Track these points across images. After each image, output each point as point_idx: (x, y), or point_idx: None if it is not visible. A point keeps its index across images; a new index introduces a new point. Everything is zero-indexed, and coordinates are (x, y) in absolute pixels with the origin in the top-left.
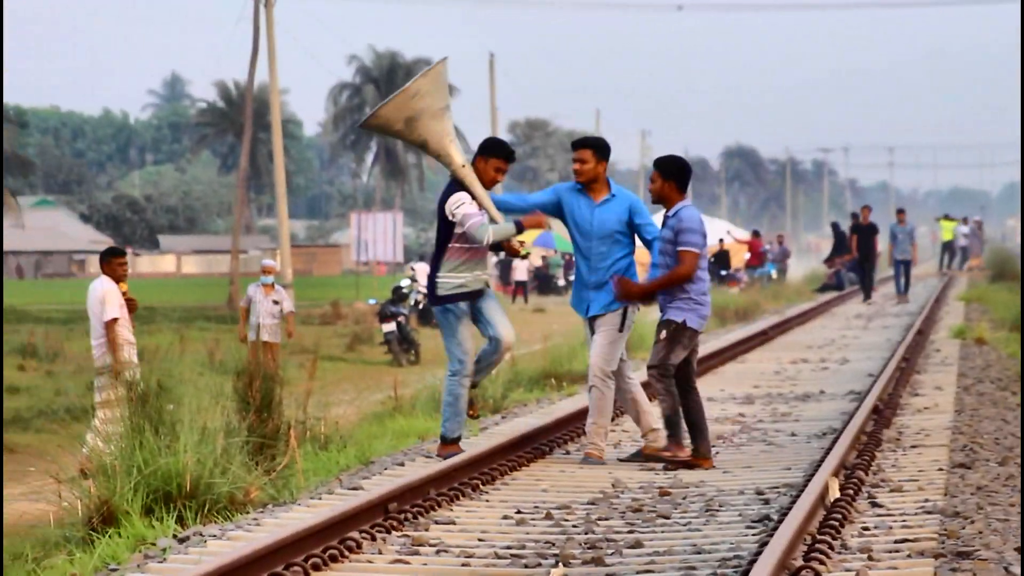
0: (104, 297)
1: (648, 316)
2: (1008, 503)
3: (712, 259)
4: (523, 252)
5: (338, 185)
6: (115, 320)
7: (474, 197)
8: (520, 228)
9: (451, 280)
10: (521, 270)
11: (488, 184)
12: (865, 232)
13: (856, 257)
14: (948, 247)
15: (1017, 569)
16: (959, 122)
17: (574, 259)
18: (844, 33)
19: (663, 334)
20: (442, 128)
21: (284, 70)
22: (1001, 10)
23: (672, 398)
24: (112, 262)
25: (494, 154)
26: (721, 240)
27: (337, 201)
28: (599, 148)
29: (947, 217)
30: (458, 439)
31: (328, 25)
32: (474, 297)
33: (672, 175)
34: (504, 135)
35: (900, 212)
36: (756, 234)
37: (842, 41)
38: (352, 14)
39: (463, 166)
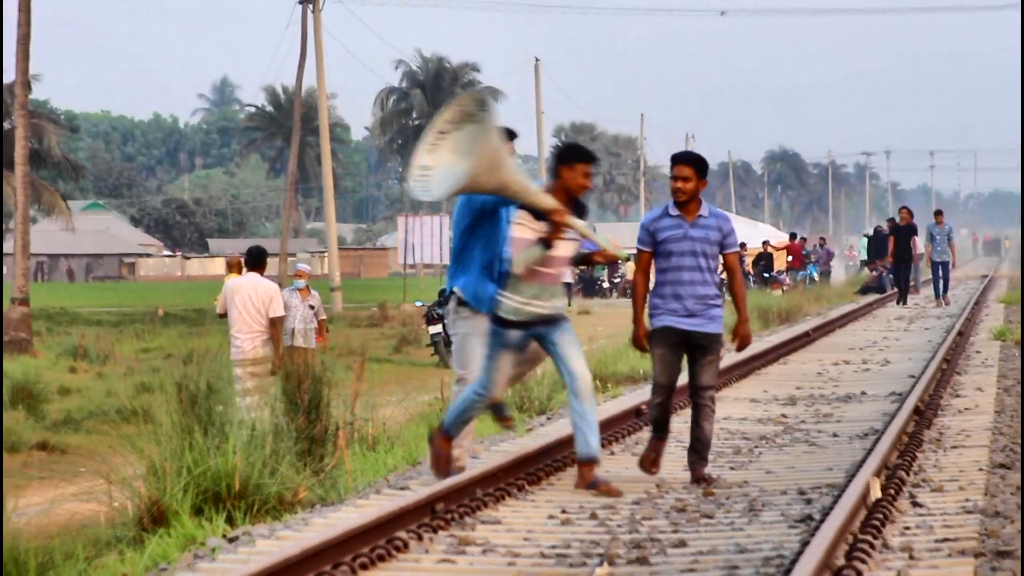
0: (275, 295)
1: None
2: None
3: (757, 262)
4: (622, 255)
5: (385, 189)
6: (281, 318)
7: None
8: (548, 245)
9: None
10: (567, 273)
11: (579, 191)
12: (903, 234)
13: (893, 260)
14: None
15: None
16: (999, 125)
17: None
18: (878, 36)
19: (720, 352)
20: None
21: (332, 75)
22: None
23: None
24: (266, 264)
25: (578, 159)
26: (766, 242)
27: (384, 204)
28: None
29: None
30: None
31: (375, 30)
32: (540, 324)
33: (704, 174)
34: (549, 139)
35: (938, 214)
36: (794, 236)
37: (875, 44)
38: (399, 19)
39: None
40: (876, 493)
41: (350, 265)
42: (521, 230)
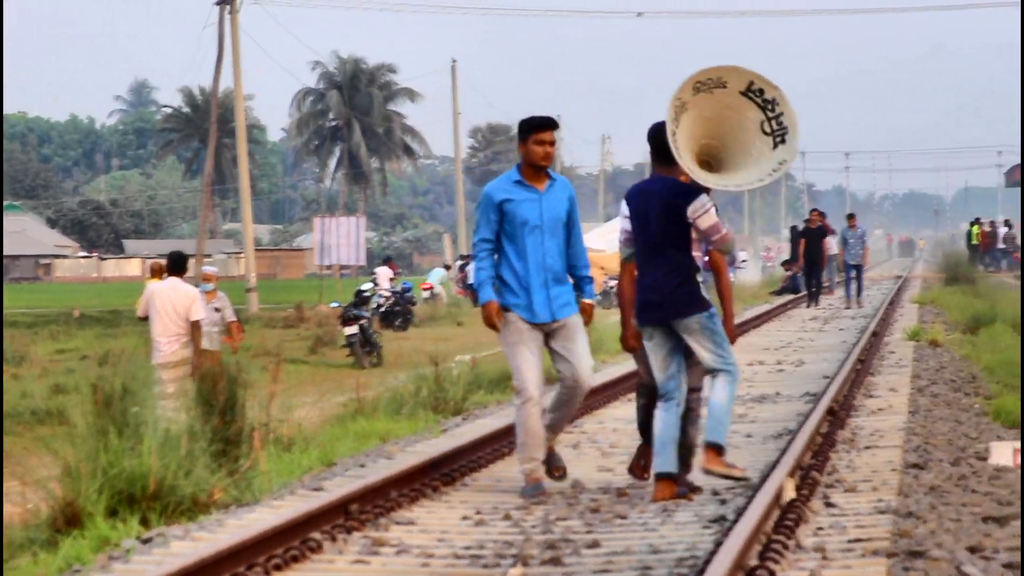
0: (195, 299)
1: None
2: (960, 503)
3: None
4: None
5: (302, 190)
6: (201, 320)
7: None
8: None
9: None
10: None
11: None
12: (814, 236)
13: (804, 262)
14: (975, 249)
15: (969, 568)
16: (914, 127)
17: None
18: (802, 41)
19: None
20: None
21: (249, 76)
22: (958, 16)
23: None
24: (186, 268)
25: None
26: None
27: (301, 206)
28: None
29: (977, 222)
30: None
31: (292, 31)
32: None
33: None
34: (466, 140)
35: (851, 217)
36: None
37: (797, 49)
38: (316, 20)
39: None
40: (790, 493)
41: (266, 266)
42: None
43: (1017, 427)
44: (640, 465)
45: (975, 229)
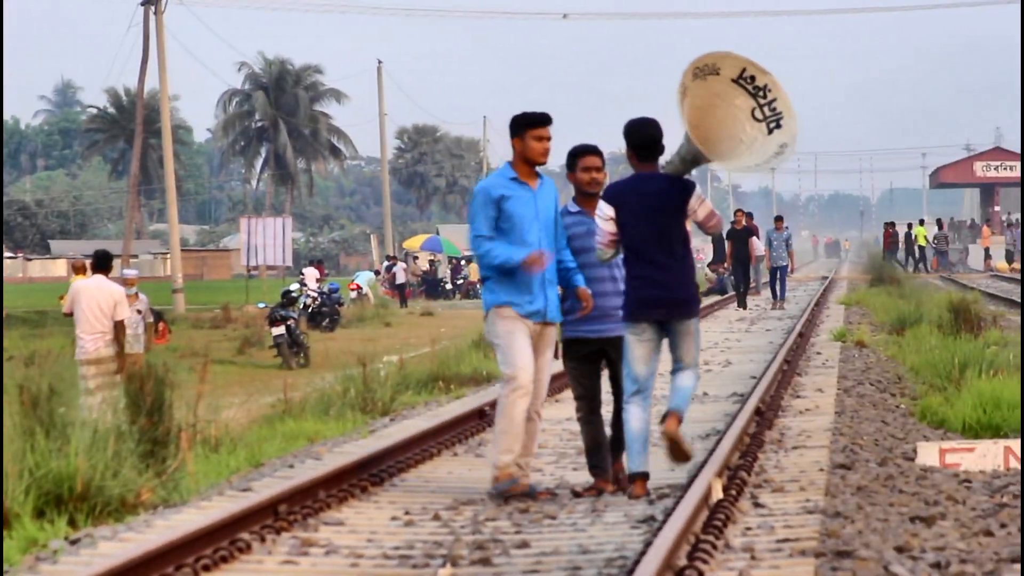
0: (119, 298)
1: None
2: (887, 503)
3: None
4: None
5: (228, 190)
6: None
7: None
8: None
9: None
10: (401, 273)
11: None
12: (740, 237)
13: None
14: (921, 251)
15: (896, 568)
16: (840, 129)
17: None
18: (724, 43)
19: None
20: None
21: (174, 76)
22: (883, 19)
23: None
24: (111, 267)
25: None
26: None
27: (227, 206)
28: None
29: (922, 223)
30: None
31: (217, 32)
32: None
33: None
34: (392, 141)
35: (778, 219)
36: None
37: (728, 47)
38: (241, 21)
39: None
40: (718, 494)
41: (193, 267)
42: None
43: (942, 427)
44: (617, 478)
45: (921, 230)
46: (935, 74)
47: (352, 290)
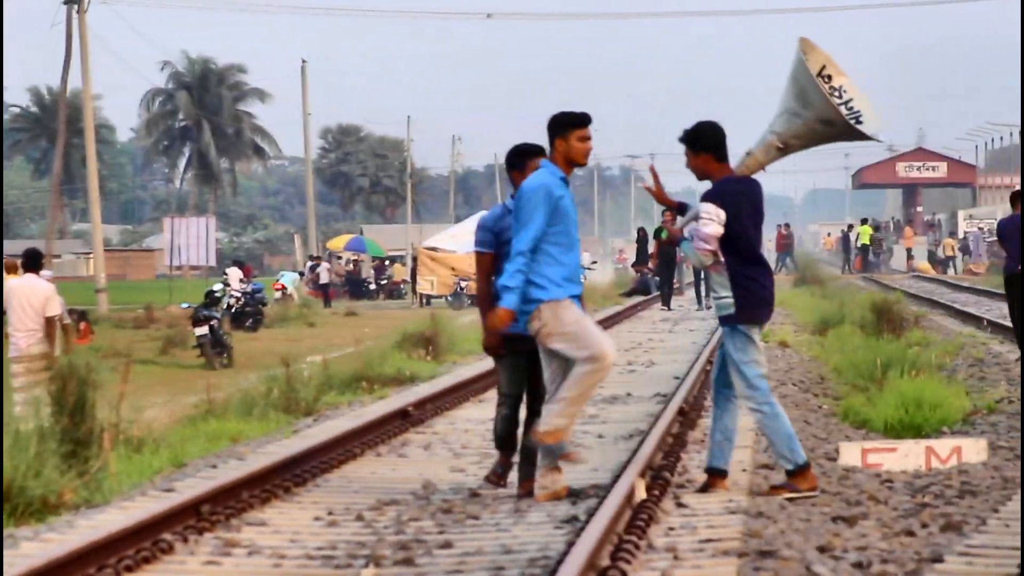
0: (51, 295)
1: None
2: (810, 503)
3: None
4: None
5: (151, 190)
6: (56, 316)
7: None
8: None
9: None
10: (325, 273)
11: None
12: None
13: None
14: (866, 249)
15: (818, 568)
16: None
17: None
18: (645, 43)
19: None
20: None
21: (97, 76)
22: (809, 19)
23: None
24: (42, 265)
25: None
26: None
27: (151, 206)
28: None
29: (864, 222)
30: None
31: (141, 31)
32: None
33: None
34: (316, 141)
35: None
36: None
37: (643, 51)
38: (165, 20)
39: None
40: (641, 494)
41: (116, 266)
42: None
43: (864, 428)
44: (498, 473)
45: (865, 229)
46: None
47: (277, 290)
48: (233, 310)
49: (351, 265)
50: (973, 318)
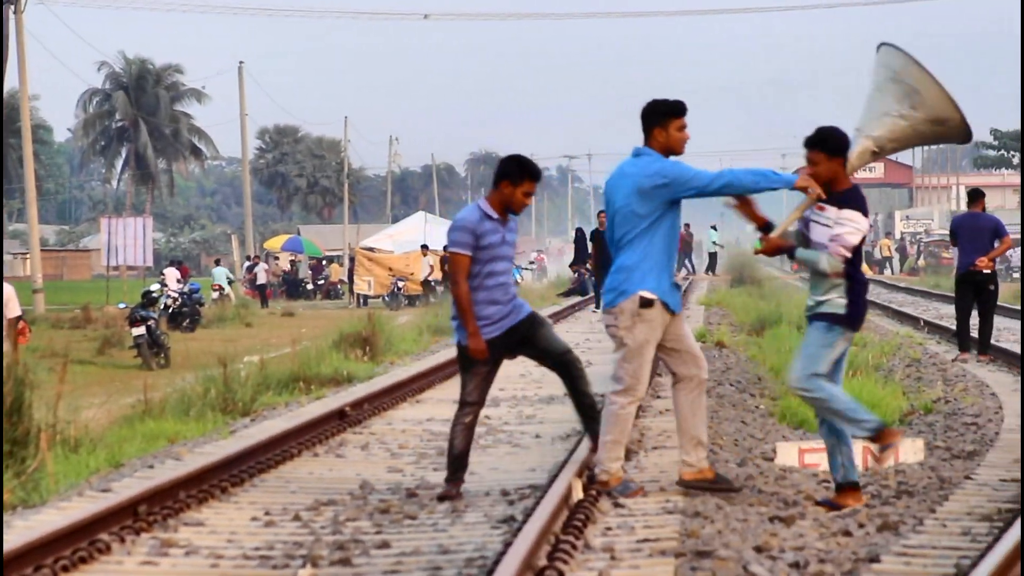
0: (11, 296)
1: None
2: (747, 503)
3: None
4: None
5: (88, 190)
6: (17, 317)
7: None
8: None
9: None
10: (262, 274)
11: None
12: (603, 238)
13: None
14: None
15: (755, 568)
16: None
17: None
18: (584, 42)
19: None
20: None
21: (34, 76)
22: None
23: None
24: None
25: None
26: (445, 247)
27: (88, 206)
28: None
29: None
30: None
31: (78, 31)
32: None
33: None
34: (253, 142)
35: None
36: None
37: (580, 50)
38: (102, 20)
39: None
40: (578, 494)
41: (53, 267)
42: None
43: (801, 428)
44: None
45: None
46: (796, 77)
47: (215, 290)
48: (170, 310)
49: (288, 265)
50: (910, 318)
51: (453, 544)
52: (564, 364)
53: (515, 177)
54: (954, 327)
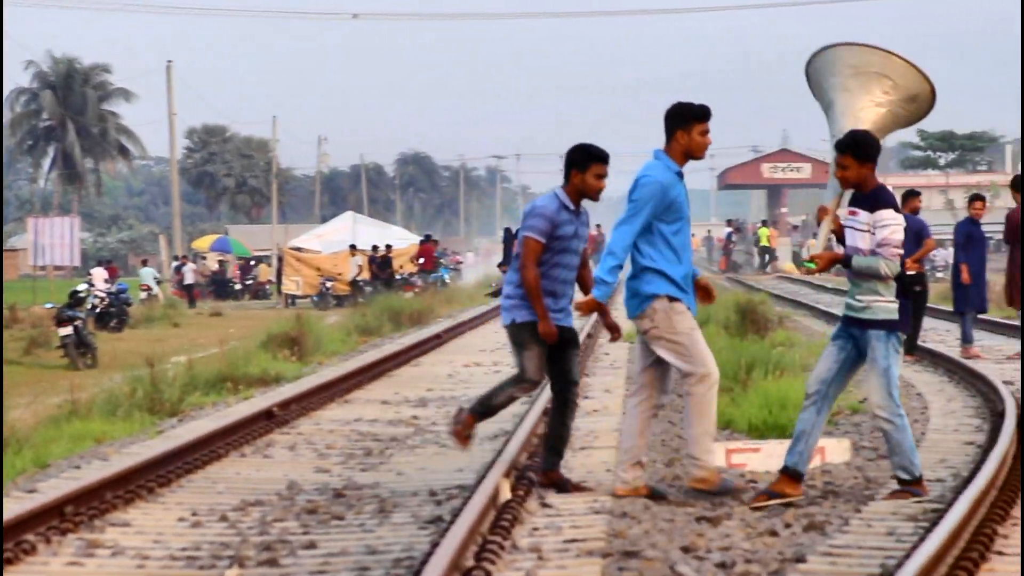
0: None
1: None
2: (674, 503)
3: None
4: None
5: (15, 190)
6: None
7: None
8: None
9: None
10: (190, 274)
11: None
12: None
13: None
14: (765, 251)
15: (682, 568)
16: (627, 129)
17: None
18: (512, 42)
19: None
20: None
21: None
22: (676, 20)
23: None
24: None
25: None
26: (389, 246)
27: (14, 206)
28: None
29: (764, 224)
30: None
31: (5, 31)
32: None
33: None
34: (181, 141)
35: None
36: (428, 239)
37: (508, 50)
38: (29, 19)
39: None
40: (506, 494)
41: None
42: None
43: (729, 428)
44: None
45: (765, 231)
46: (724, 77)
47: (142, 290)
48: (98, 310)
49: (216, 265)
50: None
51: (381, 544)
52: (566, 393)
53: (581, 164)
54: None
